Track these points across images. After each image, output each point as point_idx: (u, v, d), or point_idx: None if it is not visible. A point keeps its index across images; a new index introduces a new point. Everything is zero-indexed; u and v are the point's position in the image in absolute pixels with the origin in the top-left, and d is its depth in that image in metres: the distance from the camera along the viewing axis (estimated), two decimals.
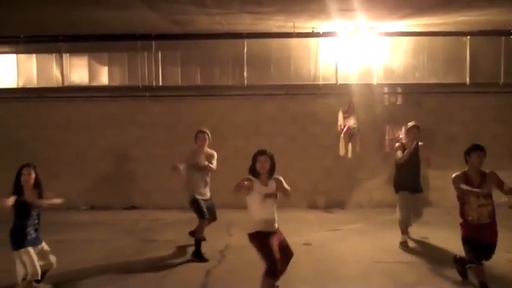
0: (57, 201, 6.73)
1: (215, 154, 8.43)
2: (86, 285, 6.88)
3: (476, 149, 6.48)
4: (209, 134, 8.48)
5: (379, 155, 11.71)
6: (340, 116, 11.02)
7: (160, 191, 11.51)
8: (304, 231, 9.59)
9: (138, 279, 7.03)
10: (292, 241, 8.67)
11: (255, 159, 6.10)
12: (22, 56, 12.29)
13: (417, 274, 7.10)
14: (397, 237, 8.90)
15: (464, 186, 6.38)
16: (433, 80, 11.82)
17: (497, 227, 6.46)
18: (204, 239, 8.23)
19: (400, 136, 9.71)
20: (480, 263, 6.35)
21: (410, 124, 8.76)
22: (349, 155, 10.77)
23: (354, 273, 7.26)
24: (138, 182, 12.14)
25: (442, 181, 8.39)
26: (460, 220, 6.57)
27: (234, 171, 6.94)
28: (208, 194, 8.35)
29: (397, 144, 8.90)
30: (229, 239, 8.89)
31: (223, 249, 8.33)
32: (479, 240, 6.39)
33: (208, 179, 8.36)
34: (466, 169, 6.55)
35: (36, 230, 6.53)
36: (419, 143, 8.65)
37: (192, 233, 8.41)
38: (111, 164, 12.28)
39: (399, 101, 12.00)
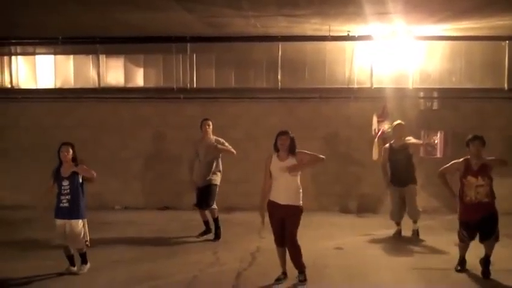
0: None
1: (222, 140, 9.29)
2: (117, 285, 6.93)
3: (474, 139, 7.08)
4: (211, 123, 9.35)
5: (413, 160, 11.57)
6: (375, 120, 10.91)
7: (192, 192, 11.53)
8: (336, 236, 9.53)
9: (168, 280, 7.03)
10: (324, 245, 8.71)
11: (277, 137, 6.80)
12: (60, 57, 12.52)
13: (452, 281, 6.98)
14: (432, 243, 8.86)
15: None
16: (470, 85, 11.63)
17: (494, 206, 7.03)
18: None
19: (436, 141, 9.60)
20: (469, 240, 7.13)
21: (395, 122, 9.53)
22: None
23: (387, 279, 7.16)
24: (171, 182, 12.21)
25: None
26: (459, 203, 7.15)
27: None
28: (208, 179, 9.09)
29: (385, 145, 9.62)
30: (261, 241, 8.85)
31: (254, 251, 8.31)
32: (474, 220, 6.97)
33: (213, 165, 9.12)
34: (468, 156, 7.14)
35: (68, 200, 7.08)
36: (407, 139, 9.37)
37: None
38: (145, 165, 12.40)
39: (435, 105, 11.84)
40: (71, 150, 7.25)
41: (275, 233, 6.81)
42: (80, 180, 7.23)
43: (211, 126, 9.25)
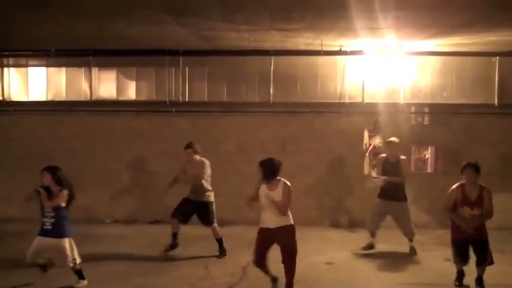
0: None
1: (205, 163, 9.19)
2: None
3: (467, 166, 7.09)
4: (194, 148, 9.27)
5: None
6: (366, 134, 10.95)
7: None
8: (326, 250, 9.53)
9: None
10: (314, 260, 8.70)
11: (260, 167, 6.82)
12: (52, 69, 12.49)
13: None
14: (423, 258, 8.87)
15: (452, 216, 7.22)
16: (461, 101, 11.68)
17: (485, 228, 7.16)
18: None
19: (427, 156, 9.62)
20: (463, 264, 7.22)
21: (390, 139, 9.49)
22: (374, 174, 10.67)
23: None
24: (162, 196, 12.16)
25: None
26: (451, 224, 7.29)
27: None
28: (198, 197, 9.14)
29: (382, 155, 9.62)
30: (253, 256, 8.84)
31: (245, 266, 8.26)
32: (466, 239, 7.05)
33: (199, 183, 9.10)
34: (463, 181, 7.14)
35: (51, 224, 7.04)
36: (402, 157, 9.35)
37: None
38: (136, 178, 12.35)
39: (426, 120, 11.86)
40: (49, 175, 7.20)
41: (258, 253, 6.88)
42: (64, 205, 7.14)
43: (192, 155, 9.26)
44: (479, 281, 7.12)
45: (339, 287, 7.39)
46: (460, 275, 7.36)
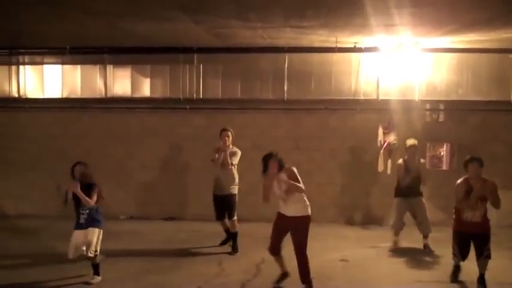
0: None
1: (238, 152, 9.27)
2: None
3: (472, 160, 7.20)
4: (232, 132, 9.29)
5: None
6: (380, 131, 10.91)
7: (198, 203, 11.53)
8: (341, 248, 9.51)
9: None
10: (329, 257, 8.70)
11: (267, 162, 6.96)
12: (67, 67, 12.55)
13: None
14: (438, 256, 8.84)
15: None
16: (476, 97, 11.59)
17: (488, 223, 7.21)
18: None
19: (442, 153, 9.59)
20: (461, 258, 7.33)
21: (409, 142, 9.54)
22: (388, 171, 10.64)
23: None
24: (176, 193, 12.22)
25: None
26: (453, 216, 7.39)
27: None
28: (227, 189, 9.18)
29: (399, 161, 9.64)
30: (267, 253, 8.81)
31: (259, 262, 8.29)
32: (467, 232, 7.18)
33: (229, 175, 9.18)
34: (467, 176, 7.22)
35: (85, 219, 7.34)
36: (421, 160, 9.61)
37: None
38: (151, 175, 12.40)
39: (441, 117, 11.81)
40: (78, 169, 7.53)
41: (273, 237, 7.05)
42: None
43: (230, 137, 9.27)
44: (481, 279, 7.12)
45: (353, 285, 7.37)
46: (456, 269, 7.47)
